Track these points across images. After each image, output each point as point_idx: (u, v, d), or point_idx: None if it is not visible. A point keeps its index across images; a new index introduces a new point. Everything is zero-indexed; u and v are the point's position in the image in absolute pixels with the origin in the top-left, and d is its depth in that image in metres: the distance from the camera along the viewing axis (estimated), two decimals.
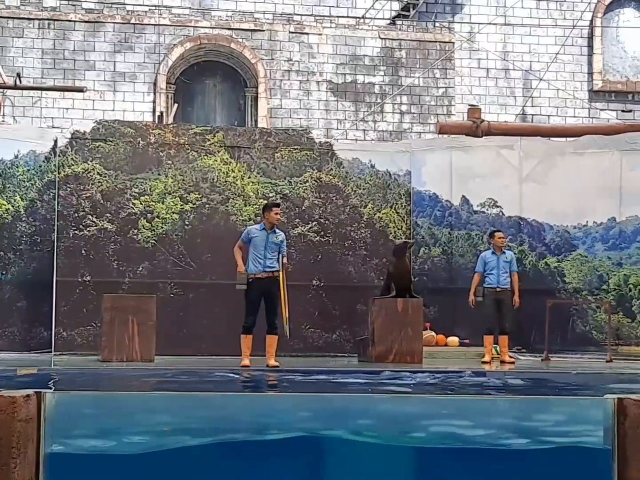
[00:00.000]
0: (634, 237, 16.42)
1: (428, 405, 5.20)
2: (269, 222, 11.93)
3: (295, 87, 22.63)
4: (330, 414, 4.97)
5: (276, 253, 11.88)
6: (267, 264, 11.80)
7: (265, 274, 11.79)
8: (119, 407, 5.29)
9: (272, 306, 11.83)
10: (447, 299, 16.32)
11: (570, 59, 23.77)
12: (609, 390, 5.67)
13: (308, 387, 9.41)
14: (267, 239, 11.87)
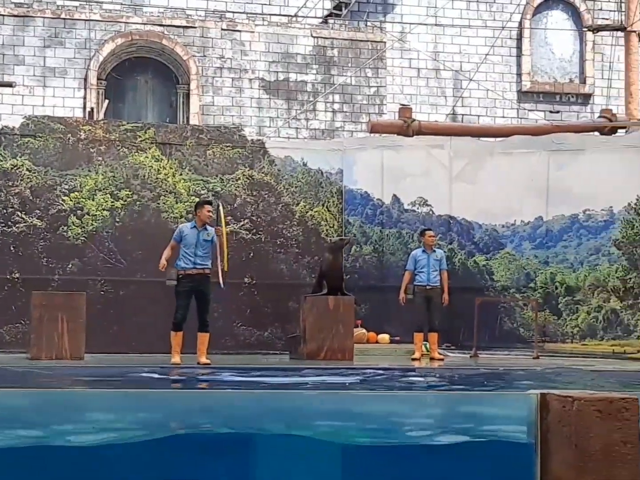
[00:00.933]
0: (560, 236, 16.70)
1: (358, 401, 5.26)
2: (201, 219, 11.92)
3: (228, 84, 22.59)
4: (261, 411, 5.00)
5: (208, 250, 11.86)
6: (198, 261, 11.78)
7: (196, 271, 11.76)
8: (47, 404, 5.26)
9: (203, 304, 11.80)
10: (378, 297, 16.44)
11: (499, 60, 24.07)
12: (534, 386, 5.78)
13: (239, 384, 9.44)
14: (198, 236, 11.85)
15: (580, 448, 4.37)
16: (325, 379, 10.84)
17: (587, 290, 16.42)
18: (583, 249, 16.60)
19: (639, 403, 4.43)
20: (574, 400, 4.42)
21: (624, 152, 16.18)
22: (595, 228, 16.52)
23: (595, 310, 16.32)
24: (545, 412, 4.60)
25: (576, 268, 16.57)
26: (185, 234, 11.88)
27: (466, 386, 9.38)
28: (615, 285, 16.20)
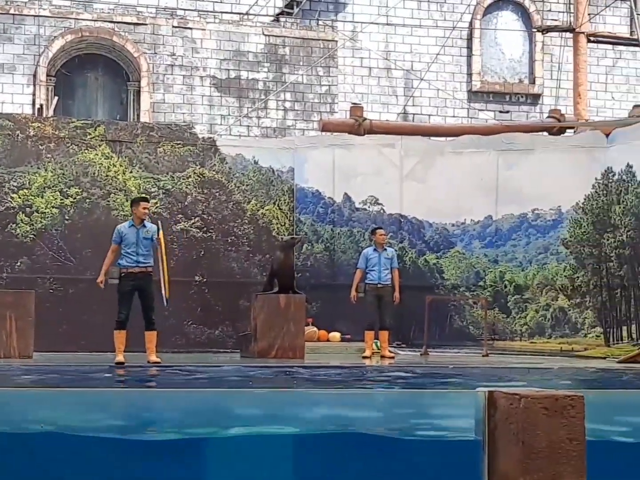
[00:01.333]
0: (510, 235, 16.85)
1: (306, 399, 5.28)
2: (137, 217, 11.72)
3: (179, 81, 22.50)
4: (211, 409, 5.00)
5: (149, 248, 11.71)
6: (141, 259, 11.65)
7: (139, 269, 11.62)
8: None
9: (148, 302, 11.67)
10: (329, 295, 16.48)
11: (450, 60, 24.20)
12: (483, 384, 5.84)
13: (189, 383, 9.42)
14: (137, 234, 11.69)
15: (527, 445, 4.42)
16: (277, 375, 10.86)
17: (536, 289, 16.59)
18: (532, 248, 16.77)
19: (584, 400, 4.49)
20: (520, 398, 4.47)
21: (572, 152, 16.37)
22: (543, 227, 16.69)
23: (544, 309, 16.50)
24: (493, 410, 4.64)
25: (525, 267, 16.73)
26: (125, 234, 11.71)
27: (416, 384, 9.44)
28: (563, 284, 16.38)
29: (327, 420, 5.00)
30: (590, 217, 16.24)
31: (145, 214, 11.77)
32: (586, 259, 16.28)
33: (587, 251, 16.26)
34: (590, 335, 16.10)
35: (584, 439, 4.47)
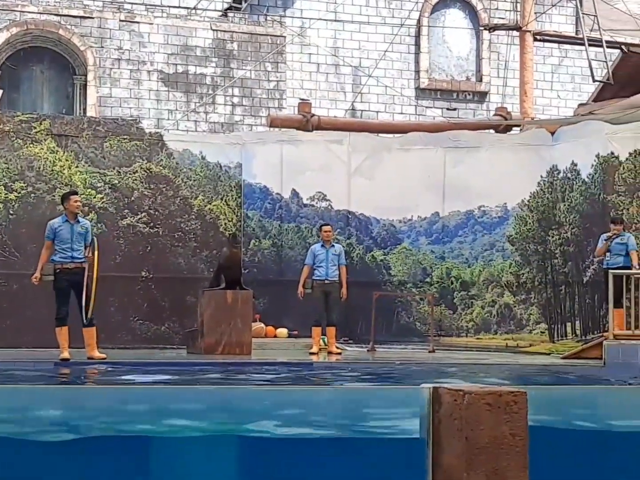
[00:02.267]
0: (456, 232, 16.97)
1: (251, 397, 5.27)
2: (70, 211, 11.55)
3: (126, 76, 22.34)
4: (155, 406, 4.97)
5: (82, 245, 11.55)
6: (75, 254, 11.50)
7: (74, 265, 11.46)
8: None
9: (82, 297, 11.52)
10: (277, 291, 16.48)
11: (398, 57, 24.28)
12: (429, 380, 5.87)
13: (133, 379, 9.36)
14: (72, 229, 11.53)
15: (471, 440, 4.45)
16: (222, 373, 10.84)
17: (482, 285, 16.73)
18: (478, 244, 16.90)
19: (527, 396, 4.54)
20: (464, 394, 4.50)
21: (518, 150, 16.52)
22: (489, 224, 16.83)
23: (489, 305, 16.64)
24: (437, 406, 4.67)
25: (471, 263, 16.87)
26: (59, 230, 11.54)
27: (362, 380, 9.47)
28: (508, 280, 16.53)
29: (271, 418, 4.99)
30: (535, 214, 16.41)
31: (77, 207, 11.61)
32: (531, 255, 16.45)
33: (532, 248, 16.43)
34: (535, 331, 16.27)
35: (526, 435, 4.52)
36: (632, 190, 15.16)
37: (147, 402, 5.05)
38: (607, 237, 13.76)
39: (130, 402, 5.05)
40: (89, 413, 4.91)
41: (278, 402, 5.14)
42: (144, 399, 5.12)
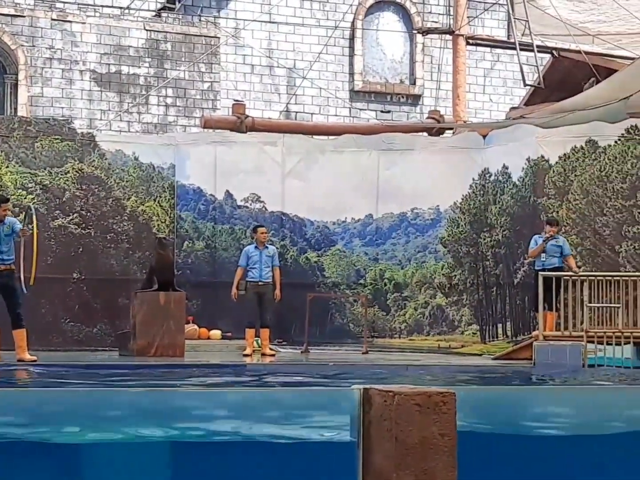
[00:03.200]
0: (390, 234, 17.08)
1: (182, 398, 5.26)
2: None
3: (58, 75, 22.10)
4: (83, 408, 4.93)
5: (10, 245, 11.51)
6: (4, 257, 11.45)
7: (4, 267, 11.42)
8: None
9: (13, 299, 11.45)
10: (210, 293, 16.44)
11: (332, 59, 24.36)
12: (361, 381, 5.91)
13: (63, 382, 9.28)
14: None
15: (400, 441, 4.50)
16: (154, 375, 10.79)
17: (415, 287, 16.86)
18: (411, 246, 17.03)
19: (455, 397, 4.59)
20: (394, 395, 4.54)
21: (451, 152, 16.68)
22: (422, 226, 16.97)
23: (422, 307, 16.78)
24: (368, 407, 4.70)
25: (404, 265, 16.99)
26: None
27: (295, 382, 9.49)
28: (441, 282, 16.69)
29: (201, 421, 4.98)
30: (467, 216, 16.58)
31: (4, 215, 11.55)
32: (463, 257, 16.62)
33: (465, 250, 16.60)
34: (467, 332, 16.44)
35: (455, 435, 4.57)
36: (561, 193, 15.39)
37: (75, 405, 5.00)
38: (545, 238, 13.96)
39: (57, 405, 5.00)
40: (13, 416, 4.85)
41: (209, 404, 5.13)
42: (72, 402, 5.07)
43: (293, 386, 7.89)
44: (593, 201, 15.23)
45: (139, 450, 4.83)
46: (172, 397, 5.32)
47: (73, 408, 4.92)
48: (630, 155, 15.13)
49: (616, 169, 15.14)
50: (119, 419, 4.93)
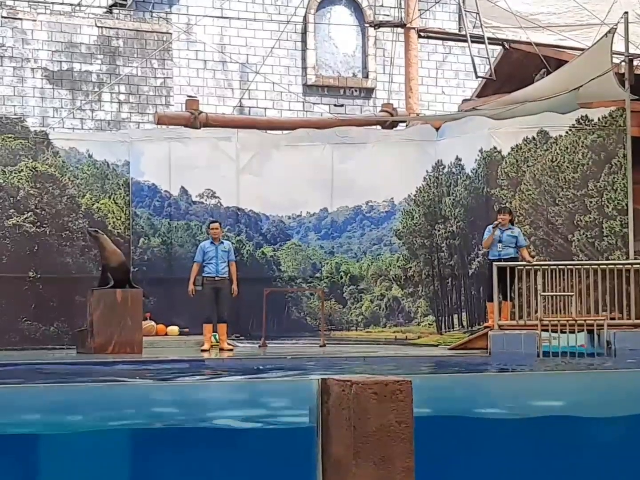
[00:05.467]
0: (345, 227, 17.17)
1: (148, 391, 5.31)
2: None
3: (9, 73, 21.91)
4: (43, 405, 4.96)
5: None
6: None
7: None
8: None
9: None
10: (167, 289, 16.43)
11: (285, 54, 24.36)
12: (319, 373, 5.99)
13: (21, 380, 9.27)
14: None
15: (358, 429, 4.57)
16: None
17: (370, 279, 16.96)
18: (366, 239, 17.13)
19: (412, 385, 4.68)
20: (352, 384, 4.62)
21: (404, 145, 16.79)
22: (377, 219, 17.08)
23: (378, 299, 16.89)
24: (326, 397, 4.77)
25: (360, 258, 17.09)
26: None
27: (254, 375, 9.55)
28: (396, 274, 16.81)
29: (162, 413, 5.03)
30: (421, 208, 16.71)
31: None
32: (418, 249, 16.75)
33: (419, 242, 16.73)
34: (423, 323, 16.58)
35: (412, 422, 4.66)
36: (514, 184, 15.56)
37: (35, 402, 5.03)
38: (494, 225, 14.11)
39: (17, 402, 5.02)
40: None
41: (170, 396, 5.18)
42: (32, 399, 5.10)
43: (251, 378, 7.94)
44: (545, 191, 15.42)
45: (100, 440, 4.87)
46: (132, 391, 5.37)
47: (32, 404, 4.94)
48: (582, 145, 15.34)
49: (568, 159, 15.34)
50: (79, 413, 4.96)
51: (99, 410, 5.00)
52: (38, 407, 5.00)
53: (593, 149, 15.29)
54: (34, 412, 5.00)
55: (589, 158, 15.27)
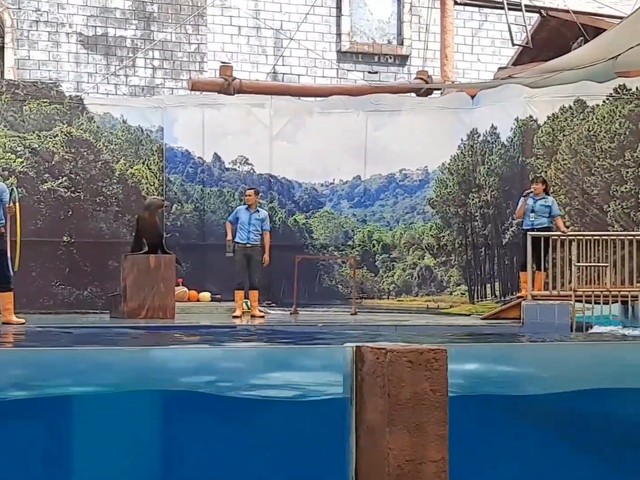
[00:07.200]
0: (377, 195, 17.12)
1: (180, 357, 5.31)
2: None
3: (44, 38, 21.96)
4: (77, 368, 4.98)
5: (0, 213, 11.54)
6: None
7: None
8: None
9: (1, 262, 11.48)
10: (199, 255, 16.49)
11: (319, 20, 24.23)
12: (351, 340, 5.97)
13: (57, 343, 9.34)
14: None
15: (393, 397, 4.56)
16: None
17: (403, 248, 16.92)
18: (399, 207, 17.07)
19: (447, 354, 4.66)
20: (387, 352, 4.60)
21: (439, 113, 16.68)
22: (410, 187, 17.01)
23: (410, 267, 16.85)
24: (361, 364, 4.76)
25: (392, 226, 17.04)
26: None
27: (285, 341, 9.56)
28: (429, 243, 16.75)
29: (193, 379, 5.04)
30: (455, 177, 16.62)
31: None
32: (452, 218, 16.68)
33: (453, 211, 16.66)
34: (456, 293, 16.53)
35: (446, 391, 4.64)
36: (549, 153, 15.44)
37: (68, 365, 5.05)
38: (525, 193, 14.03)
39: (50, 365, 5.04)
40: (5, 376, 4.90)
41: (201, 362, 5.18)
42: (65, 362, 5.12)
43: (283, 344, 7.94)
44: (581, 161, 15.29)
45: (131, 403, 4.89)
46: (164, 356, 5.37)
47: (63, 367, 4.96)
48: (619, 114, 15.17)
49: (604, 129, 15.19)
50: (110, 377, 4.97)
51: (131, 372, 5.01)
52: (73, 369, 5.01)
53: (630, 119, 15.13)
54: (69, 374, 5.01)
55: (626, 128, 15.11)
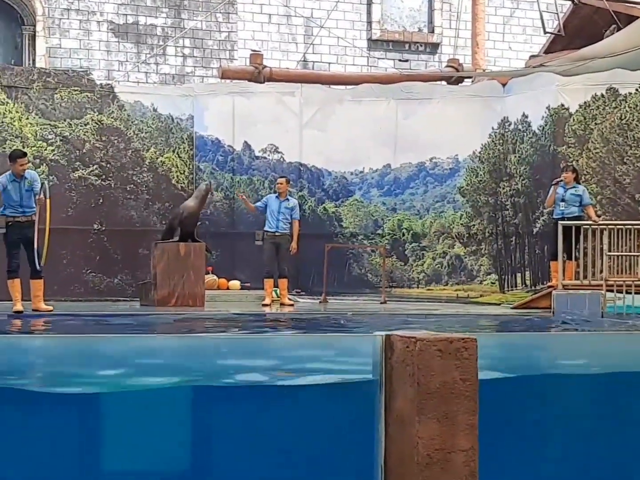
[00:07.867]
0: (407, 184, 17.07)
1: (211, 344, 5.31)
2: (16, 172, 11.70)
3: (75, 26, 22.03)
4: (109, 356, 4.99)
5: (30, 198, 11.64)
6: (25, 209, 11.61)
7: (25, 218, 11.59)
8: None
9: (31, 250, 11.60)
10: (229, 244, 16.52)
11: (350, 8, 24.15)
12: (380, 328, 5.96)
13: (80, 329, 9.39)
14: (19, 187, 11.63)
15: (422, 385, 4.55)
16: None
17: (433, 237, 16.87)
18: (429, 196, 17.02)
19: (477, 343, 4.64)
20: (416, 341, 4.59)
21: (470, 101, 16.60)
22: (441, 176, 16.94)
23: (440, 256, 16.80)
24: (390, 353, 4.75)
25: (422, 215, 16.99)
26: (7, 187, 11.63)
27: (315, 330, 9.56)
28: (459, 232, 16.69)
29: (226, 368, 5.04)
30: (486, 165, 16.54)
31: (23, 170, 11.69)
32: (482, 207, 16.60)
33: (483, 199, 16.58)
34: (486, 282, 16.47)
35: (476, 380, 4.62)
36: (581, 141, 15.33)
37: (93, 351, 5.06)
38: (555, 182, 13.98)
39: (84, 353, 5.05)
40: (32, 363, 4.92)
41: (231, 350, 5.19)
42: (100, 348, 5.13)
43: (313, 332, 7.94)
44: (613, 149, 15.17)
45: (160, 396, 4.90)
46: (196, 344, 5.38)
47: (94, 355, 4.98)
48: None
49: (637, 117, 15.06)
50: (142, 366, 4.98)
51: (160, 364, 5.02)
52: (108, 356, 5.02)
53: None
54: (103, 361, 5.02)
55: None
